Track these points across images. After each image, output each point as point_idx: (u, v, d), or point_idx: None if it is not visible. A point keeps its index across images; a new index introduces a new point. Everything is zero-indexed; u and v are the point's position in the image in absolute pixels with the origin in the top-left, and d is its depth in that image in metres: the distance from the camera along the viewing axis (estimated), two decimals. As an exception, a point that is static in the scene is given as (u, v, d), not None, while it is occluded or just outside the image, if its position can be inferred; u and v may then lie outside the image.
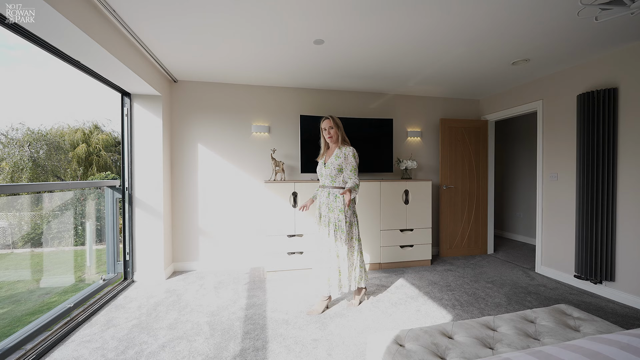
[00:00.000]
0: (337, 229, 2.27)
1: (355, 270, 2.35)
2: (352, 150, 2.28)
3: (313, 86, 3.46)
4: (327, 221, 2.31)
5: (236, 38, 2.30)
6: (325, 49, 2.48)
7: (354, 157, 2.27)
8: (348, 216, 2.28)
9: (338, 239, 2.27)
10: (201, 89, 3.30)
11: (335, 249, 2.28)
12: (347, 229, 2.27)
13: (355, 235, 2.35)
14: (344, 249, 2.27)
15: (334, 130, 2.31)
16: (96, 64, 2.16)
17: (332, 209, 2.29)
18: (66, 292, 5.19)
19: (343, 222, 2.25)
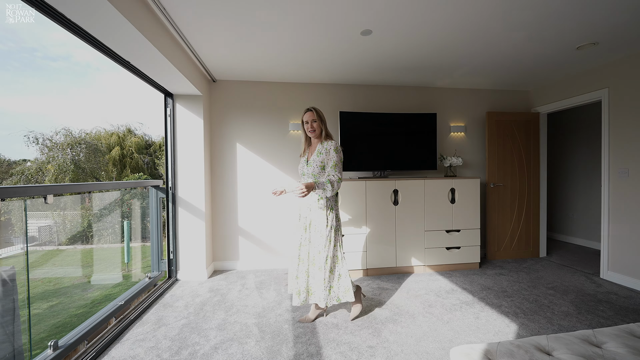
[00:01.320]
0: (317, 233, 2.03)
1: (341, 281, 2.07)
2: (334, 144, 2.04)
3: (352, 81, 3.35)
4: (308, 224, 2.07)
5: (279, 33, 2.23)
6: (372, 40, 2.36)
7: (336, 152, 2.02)
8: (330, 219, 2.02)
9: (318, 244, 2.03)
10: (239, 88, 3.29)
11: (313, 255, 2.05)
12: (328, 233, 2.01)
13: (339, 242, 2.09)
14: (323, 256, 2.01)
15: (317, 123, 2.06)
16: (145, 64, 2.17)
17: (313, 210, 2.05)
18: (109, 288, 5.40)
19: (324, 225, 2.01)
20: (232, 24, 2.10)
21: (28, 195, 1.61)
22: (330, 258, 2.03)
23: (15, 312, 1.83)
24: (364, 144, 3.25)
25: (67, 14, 1.50)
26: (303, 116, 2.12)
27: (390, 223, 3.05)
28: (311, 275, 2.06)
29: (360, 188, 3.00)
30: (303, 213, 2.11)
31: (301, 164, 2.16)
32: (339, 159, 2.02)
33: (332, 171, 1.99)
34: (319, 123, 2.07)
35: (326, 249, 2.00)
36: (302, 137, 2.18)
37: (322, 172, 2.03)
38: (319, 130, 2.08)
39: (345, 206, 2.97)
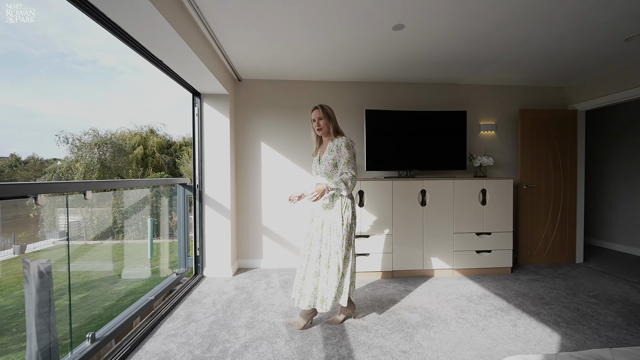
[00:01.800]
0: (332, 233, 1.93)
1: (346, 282, 1.96)
2: (344, 140, 1.95)
3: (378, 79, 3.28)
4: (321, 223, 1.99)
5: (308, 30, 2.20)
6: (403, 35, 2.29)
7: (347, 148, 1.93)
8: (346, 217, 1.93)
9: (332, 244, 1.93)
10: (263, 87, 3.29)
11: (327, 257, 1.94)
12: (345, 233, 1.92)
13: (353, 242, 2.00)
14: (337, 258, 1.90)
15: (323, 121, 2.00)
16: (178, 64, 2.20)
17: (328, 208, 1.98)
18: (134, 282, 5.55)
19: (339, 224, 1.91)
20: (261, 20, 2.08)
21: (70, 191, 1.65)
22: (348, 259, 1.96)
23: (51, 303, 1.89)
24: (390, 142, 3.17)
25: (108, 13, 1.53)
26: (311, 114, 2.07)
27: (417, 224, 2.96)
28: (322, 278, 1.94)
29: (386, 188, 2.93)
30: (317, 212, 2.03)
31: (314, 163, 2.11)
32: (352, 155, 1.94)
33: (345, 168, 1.91)
34: (325, 120, 2.00)
35: (343, 249, 1.91)
36: (313, 136, 2.12)
37: (335, 170, 1.96)
38: (327, 128, 2.01)
39: (370, 206, 2.91)
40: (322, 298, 1.93)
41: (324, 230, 1.96)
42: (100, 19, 1.54)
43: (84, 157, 12.81)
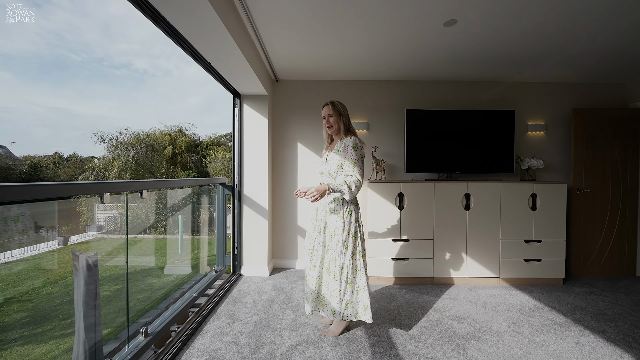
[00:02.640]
0: (333, 238, 1.84)
1: (360, 295, 1.84)
2: (353, 140, 1.82)
3: (420, 77, 3.17)
4: (323, 227, 1.88)
5: (355, 29, 2.15)
6: (454, 31, 2.18)
7: (354, 149, 1.80)
8: (348, 223, 1.81)
9: (333, 250, 1.83)
10: (300, 88, 3.28)
11: (328, 262, 1.86)
12: (345, 239, 1.81)
13: (359, 250, 1.85)
14: (338, 264, 1.81)
15: (333, 118, 1.89)
16: (224, 66, 2.23)
17: (330, 212, 1.86)
18: (170, 277, 5.74)
19: (340, 229, 1.80)
20: (310, 18, 2.06)
21: (130, 190, 1.71)
22: (348, 267, 1.81)
23: (97, 296, 1.97)
24: (431, 143, 3.05)
25: (168, 17, 1.55)
26: (322, 111, 1.97)
27: (461, 229, 2.82)
28: (324, 283, 1.88)
29: (427, 191, 2.82)
30: (319, 214, 1.92)
31: (322, 161, 2.01)
32: (359, 157, 1.80)
33: (350, 170, 1.78)
34: (336, 118, 1.89)
35: (342, 256, 1.80)
36: (324, 134, 2.02)
37: (339, 171, 1.84)
38: (337, 126, 1.90)
39: (410, 210, 2.81)
40: (326, 305, 1.88)
41: (326, 235, 1.87)
42: (156, 19, 1.58)
43: (120, 155, 13.55)
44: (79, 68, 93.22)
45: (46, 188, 1.11)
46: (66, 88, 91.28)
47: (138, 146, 14.32)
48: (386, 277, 2.84)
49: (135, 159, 13.76)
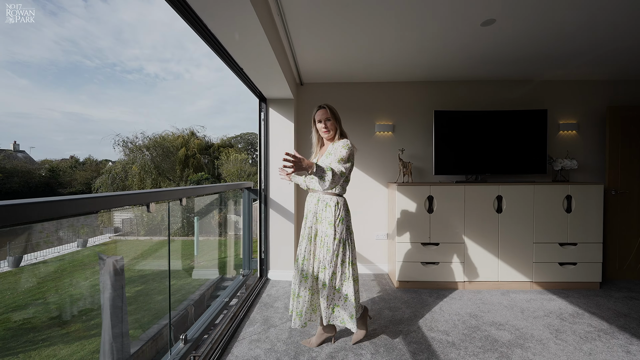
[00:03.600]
0: (323, 246, 1.75)
1: (347, 303, 1.76)
2: (344, 142, 1.74)
3: (448, 77, 3.11)
4: (313, 234, 1.80)
5: (389, 30, 2.12)
6: (491, 30, 2.12)
7: (344, 147, 1.71)
8: (339, 231, 1.73)
9: (323, 259, 1.75)
10: (324, 90, 3.27)
11: (317, 271, 1.78)
12: (336, 248, 1.72)
13: (349, 259, 1.77)
14: (328, 273, 1.73)
15: (331, 122, 1.80)
16: (256, 71, 2.23)
17: (320, 219, 1.78)
18: (182, 277, 5.77)
19: (331, 238, 1.72)
20: (343, 21, 2.04)
21: (172, 199, 1.72)
22: (337, 274, 1.75)
23: (123, 299, 1.99)
24: (460, 145, 3.00)
25: (210, 26, 1.56)
26: (315, 114, 1.85)
27: (492, 232, 2.76)
28: (317, 292, 1.81)
29: (457, 193, 2.77)
30: (308, 221, 1.83)
31: None
32: (347, 156, 1.70)
33: (335, 163, 1.68)
34: (333, 122, 1.81)
35: (332, 265, 1.73)
36: (314, 137, 1.92)
37: None
38: (334, 131, 1.83)
39: (440, 213, 2.77)
40: (316, 310, 1.83)
41: (317, 243, 1.80)
42: (200, 29, 1.58)
43: (137, 158, 13.82)
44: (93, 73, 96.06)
45: (92, 201, 1.10)
46: (81, 93, 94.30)
47: (153, 149, 14.58)
48: (416, 281, 2.80)
49: (154, 162, 14.00)
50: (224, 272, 3.50)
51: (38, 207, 0.85)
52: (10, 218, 0.77)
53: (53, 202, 0.92)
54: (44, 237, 13.69)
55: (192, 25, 1.53)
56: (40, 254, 10.47)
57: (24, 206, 0.80)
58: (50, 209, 0.93)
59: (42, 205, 0.87)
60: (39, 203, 0.85)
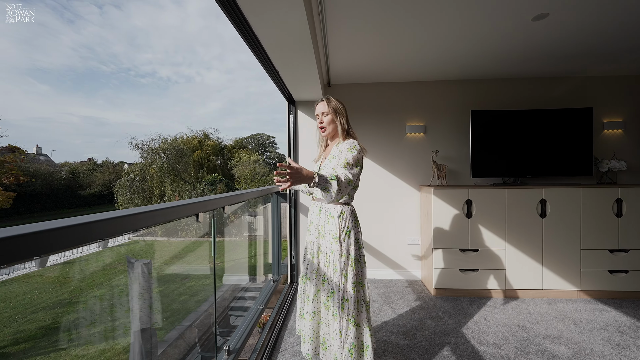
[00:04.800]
0: (329, 264, 1.48)
1: (365, 333, 1.46)
2: (350, 143, 1.46)
3: (486, 75, 2.97)
4: (316, 250, 1.54)
5: (431, 27, 2.02)
6: (541, 25, 2.00)
7: (350, 150, 1.43)
8: (345, 246, 1.46)
9: (330, 280, 1.47)
10: (352, 91, 3.18)
11: (325, 296, 1.48)
12: (344, 266, 1.44)
13: (360, 278, 1.49)
14: (337, 298, 1.43)
15: (328, 118, 1.54)
16: (291, 74, 2.18)
17: (323, 233, 1.52)
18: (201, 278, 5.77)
19: (337, 254, 1.45)
20: (381, 19, 1.95)
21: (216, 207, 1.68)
22: (349, 302, 1.43)
23: (151, 302, 1.95)
24: (499, 146, 2.86)
25: (255, 28, 1.50)
26: (315, 109, 1.61)
27: (536, 238, 2.62)
28: (323, 321, 1.50)
29: (498, 197, 2.64)
30: (311, 234, 1.59)
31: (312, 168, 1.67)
32: (354, 160, 1.42)
33: (341, 169, 1.40)
34: (332, 117, 1.54)
35: (341, 287, 1.44)
36: (318, 136, 1.68)
37: None
38: (332, 128, 1.56)
39: (479, 217, 2.65)
40: (328, 348, 1.49)
41: (320, 260, 1.53)
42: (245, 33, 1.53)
43: (154, 161, 14.06)
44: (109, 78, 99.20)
45: (150, 214, 1.00)
46: (97, 97, 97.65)
47: (168, 151, 14.80)
48: (455, 289, 2.69)
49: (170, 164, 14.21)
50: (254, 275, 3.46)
51: (103, 225, 0.79)
52: (87, 237, 0.72)
53: (113, 219, 0.85)
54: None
55: (238, 27, 1.48)
56: (64, 254, 10.77)
57: (90, 224, 0.74)
58: (111, 227, 0.86)
59: (106, 222, 0.80)
60: (105, 220, 0.79)
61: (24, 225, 0.57)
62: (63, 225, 0.59)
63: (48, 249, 0.57)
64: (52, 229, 0.57)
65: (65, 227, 0.59)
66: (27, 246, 0.52)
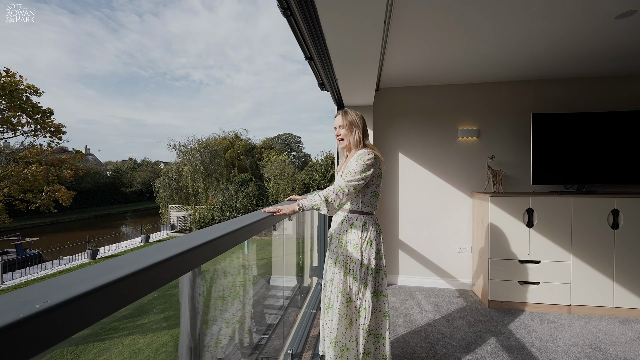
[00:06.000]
0: (347, 273, 1.45)
1: (379, 343, 1.48)
2: (358, 154, 1.46)
3: (550, 75, 2.79)
4: (334, 259, 1.51)
5: (488, 29, 1.93)
6: (626, 23, 1.84)
7: (356, 160, 1.43)
8: (367, 256, 1.44)
9: (344, 289, 1.44)
10: (401, 95, 3.13)
11: (338, 306, 1.43)
12: (364, 276, 1.43)
13: (381, 289, 1.49)
14: (354, 307, 1.42)
15: (345, 131, 1.54)
16: (347, 80, 2.18)
17: (344, 242, 1.49)
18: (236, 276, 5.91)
19: (358, 264, 1.43)
20: (447, 23, 1.90)
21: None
22: (367, 311, 1.42)
23: (199, 297, 2.01)
24: (564, 151, 2.68)
25: (326, 30, 1.52)
26: (334, 121, 1.65)
27: (606, 251, 2.42)
28: (340, 330, 1.47)
29: (562, 205, 2.48)
30: (332, 243, 1.57)
31: (336, 180, 1.66)
32: (359, 168, 1.40)
33: (339, 180, 1.43)
34: (347, 131, 1.54)
35: (359, 296, 1.44)
36: (338, 147, 1.69)
37: (356, 192, 1.45)
38: (348, 141, 1.55)
39: (541, 227, 2.49)
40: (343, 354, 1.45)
41: (338, 270, 1.49)
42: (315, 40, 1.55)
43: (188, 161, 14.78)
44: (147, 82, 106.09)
45: (246, 229, 1.01)
46: (137, 100, 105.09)
47: (203, 152, 15.46)
48: (512, 302, 2.56)
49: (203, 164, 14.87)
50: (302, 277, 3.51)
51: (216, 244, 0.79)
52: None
53: (218, 239, 0.83)
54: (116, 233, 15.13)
55: (313, 41, 1.50)
56: (112, 247, 11.63)
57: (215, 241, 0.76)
58: (218, 247, 0.85)
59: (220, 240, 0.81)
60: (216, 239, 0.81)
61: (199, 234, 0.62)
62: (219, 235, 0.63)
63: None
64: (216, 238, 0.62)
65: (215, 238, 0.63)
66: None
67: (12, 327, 0.30)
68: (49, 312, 0.33)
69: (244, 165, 19.49)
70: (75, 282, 0.40)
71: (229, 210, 13.04)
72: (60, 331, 0.34)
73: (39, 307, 0.33)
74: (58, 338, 0.34)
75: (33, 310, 0.32)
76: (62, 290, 0.37)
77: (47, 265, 9.56)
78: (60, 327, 0.34)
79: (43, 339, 0.33)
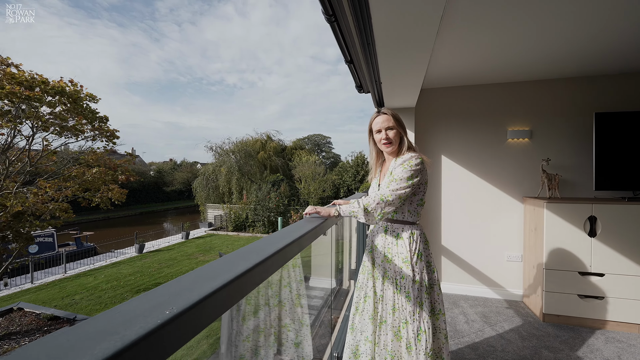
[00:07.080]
0: (399, 291, 1.31)
1: None
2: (404, 158, 1.32)
3: (605, 71, 2.54)
4: (382, 274, 1.38)
5: (548, 22, 1.80)
6: None
7: (404, 165, 1.29)
8: (418, 270, 1.30)
9: (402, 310, 1.30)
10: (443, 96, 3.02)
11: (391, 325, 1.31)
12: (419, 293, 1.28)
13: (439, 306, 1.35)
14: (412, 329, 1.26)
15: (394, 132, 1.38)
16: (392, 82, 2.15)
17: (390, 256, 1.36)
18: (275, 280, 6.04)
19: (409, 280, 1.29)
20: (501, 19, 1.81)
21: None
22: (427, 333, 1.26)
23: (240, 309, 2.06)
24: (631, 154, 2.42)
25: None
26: (372, 123, 1.45)
27: (688, 266, 2.16)
28: (390, 352, 1.31)
29: (631, 213, 2.25)
30: (375, 255, 1.44)
31: (371, 188, 1.54)
32: (405, 175, 1.28)
33: (388, 186, 1.29)
34: (397, 131, 1.39)
35: (416, 317, 1.27)
36: (372, 152, 1.52)
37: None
38: (398, 142, 1.40)
39: (606, 236, 2.28)
40: None
41: (384, 288, 1.37)
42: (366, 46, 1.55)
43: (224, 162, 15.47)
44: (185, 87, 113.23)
45: (298, 243, 1.02)
46: (176, 105, 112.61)
47: (237, 153, 16.08)
48: (570, 316, 2.37)
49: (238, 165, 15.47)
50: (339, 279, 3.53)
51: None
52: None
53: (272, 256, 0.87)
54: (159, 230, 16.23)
55: (362, 46, 1.51)
56: (156, 243, 12.49)
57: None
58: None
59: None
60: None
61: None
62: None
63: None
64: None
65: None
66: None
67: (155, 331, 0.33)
68: (179, 316, 0.36)
69: (275, 166, 19.94)
70: (198, 281, 0.43)
71: (262, 210, 13.42)
72: (186, 334, 0.37)
73: (169, 314, 0.36)
74: (181, 342, 0.37)
75: (166, 317, 0.35)
76: (186, 294, 0.40)
77: (101, 257, 10.52)
78: (185, 332, 0.37)
79: (171, 343, 0.35)
